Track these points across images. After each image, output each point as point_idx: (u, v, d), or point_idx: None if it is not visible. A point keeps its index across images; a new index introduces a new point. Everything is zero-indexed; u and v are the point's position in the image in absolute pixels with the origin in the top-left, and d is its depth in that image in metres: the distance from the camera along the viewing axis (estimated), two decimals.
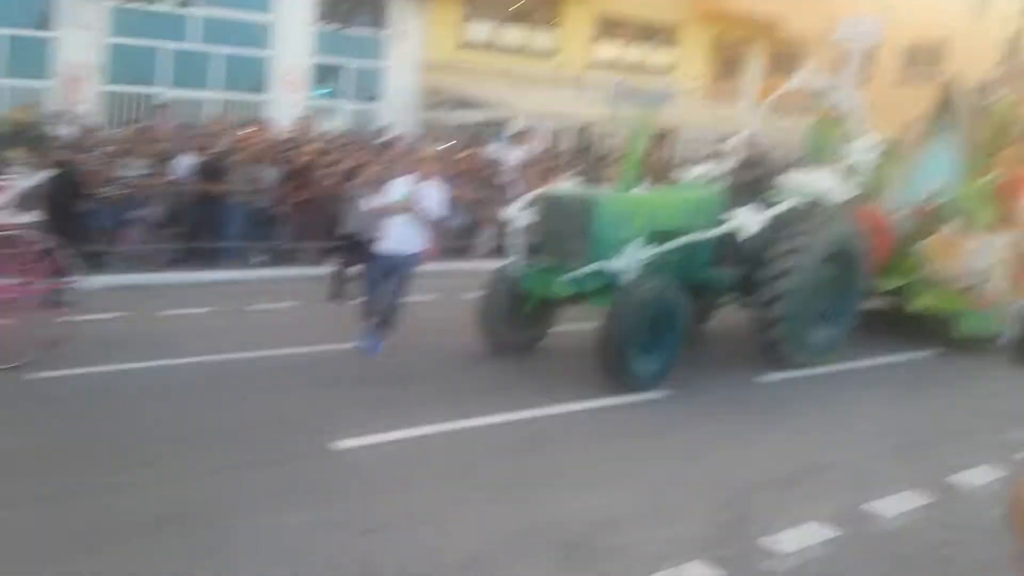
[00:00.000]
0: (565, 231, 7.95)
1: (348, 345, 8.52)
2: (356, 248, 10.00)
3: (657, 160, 17.96)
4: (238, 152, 12.95)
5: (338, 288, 10.96)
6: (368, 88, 21.14)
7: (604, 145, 20.57)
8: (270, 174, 13.13)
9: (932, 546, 4.97)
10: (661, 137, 22.13)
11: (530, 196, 8.72)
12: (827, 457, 6.35)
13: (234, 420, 6.45)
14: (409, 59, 21.08)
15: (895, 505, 5.46)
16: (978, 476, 5.99)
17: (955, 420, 7.52)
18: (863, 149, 9.91)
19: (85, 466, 5.40)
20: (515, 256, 8.43)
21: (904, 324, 10.14)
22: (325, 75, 20.70)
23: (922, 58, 28.39)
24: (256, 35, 19.34)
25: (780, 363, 8.49)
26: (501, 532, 4.83)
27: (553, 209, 8.18)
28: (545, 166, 16.22)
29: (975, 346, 9.62)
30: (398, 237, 8.14)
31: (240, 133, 13.94)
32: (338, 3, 20.28)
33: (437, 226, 8.70)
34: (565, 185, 9.08)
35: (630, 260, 7.55)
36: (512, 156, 16.59)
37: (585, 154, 18.79)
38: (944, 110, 10.73)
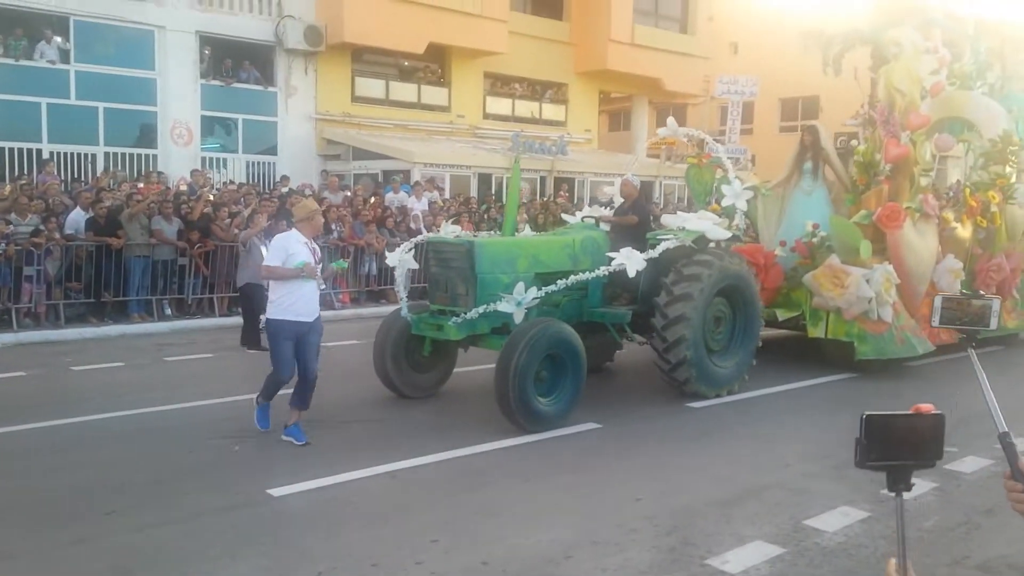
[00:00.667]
0: (451, 276, 8.06)
1: None
2: (256, 297, 10.02)
3: (548, 205, 18.42)
4: (132, 205, 12.60)
5: (249, 336, 10.92)
6: (262, 141, 20.84)
7: (503, 193, 20.84)
8: (168, 227, 12.81)
9: (876, 558, 5.07)
10: (561, 184, 22.70)
11: (411, 243, 8.87)
12: (764, 478, 6.44)
13: (168, 472, 6.23)
14: (302, 113, 21.00)
15: (835, 520, 5.57)
16: (912, 490, 6.19)
17: None
18: (736, 192, 10.50)
19: (23, 523, 5.19)
20: (403, 302, 8.51)
21: (813, 351, 10.60)
22: (215, 129, 20.32)
23: (799, 110, 30.30)
24: (142, 90, 18.93)
25: (690, 394, 8.67)
26: (453, 572, 4.68)
27: (437, 255, 8.26)
28: (451, 213, 16.38)
29: (882, 368, 10.08)
30: (307, 302, 6.94)
31: (132, 187, 13.64)
32: (222, 60, 20.04)
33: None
34: (448, 230, 9.15)
35: (518, 302, 7.71)
36: (418, 204, 16.71)
37: (482, 202, 19.06)
38: (808, 153, 11.44)
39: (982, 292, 2.00)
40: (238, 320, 12.76)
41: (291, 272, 6.73)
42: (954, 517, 5.75)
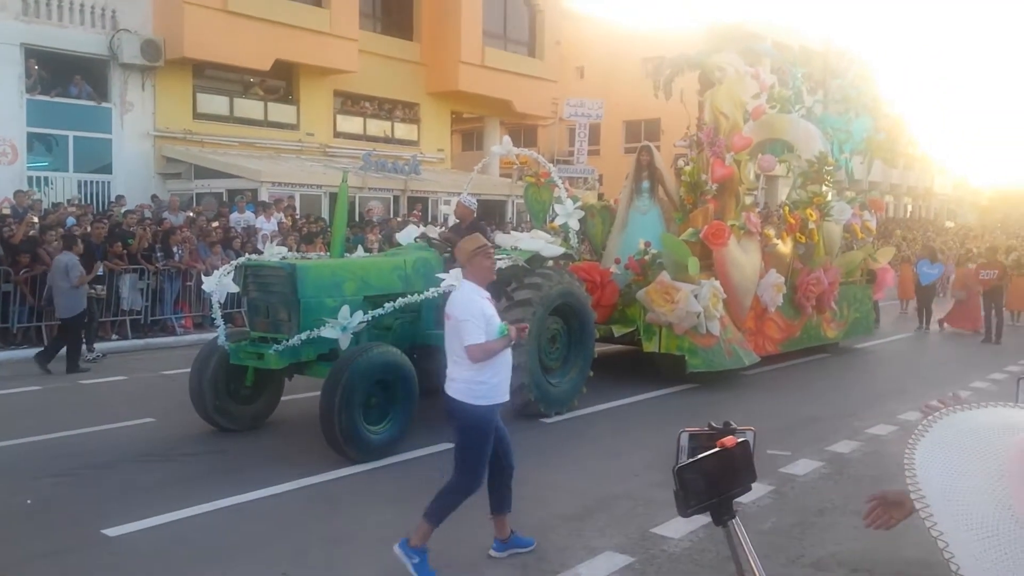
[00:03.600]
0: (271, 301, 7.70)
1: (102, 427, 7.87)
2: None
3: (388, 225, 18.31)
4: None
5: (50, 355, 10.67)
6: (95, 159, 19.68)
7: (356, 213, 20.60)
8: None
9: (719, 561, 5.31)
10: (415, 203, 22.65)
11: (229, 266, 8.44)
12: (613, 489, 6.64)
13: None
14: (139, 130, 19.99)
15: (681, 527, 5.78)
16: (748, 495, 6.52)
17: None
18: (569, 211, 10.84)
19: None
20: (220, 329, 8.01)
21: (649, 365, 11.01)
22: (43, 146, 19.03)
23: (642, 132, 31.58)
24: None
25: (533, 415, 8.70)
26: None
27: (257, 279, 7.84)
28: (303, 233, 16.03)
29: (713, 379, 10.61)
30: (508, 375, 5.45)
31: None
32: (51, 74, 18.82)
33: None
34: (273, 252, 8.76)
35: (343, 326, 7.41)
36: (267, 225, 16.23)
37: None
38: (644, 173, 11.98)
39: (733, 425, 1.77)
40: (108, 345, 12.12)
41: (502, 343, 5.11)
42: (789, 518, 6.11)
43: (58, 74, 19.03)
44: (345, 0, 22.55)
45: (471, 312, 5.10)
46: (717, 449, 1.62)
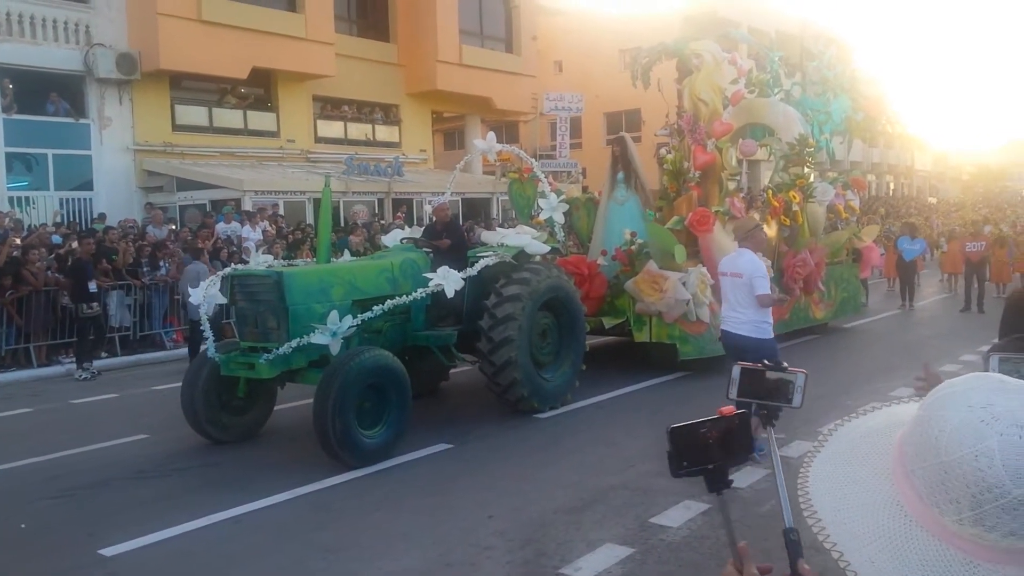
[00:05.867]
0: (260, 310, 7.66)
1: (95, 446, 7.84)
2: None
3: (372, 227, 18.28)
4: None
5: None
6: (76, 176, 19.55)
7: (342, 218, 20.56)
8: None
9: (719, 547, 5.33)
10: (399, 205, 22.61)
11: (216, 277, 8.41)
12: (610, 480, 6.66)
13: None
14: (118, 145, 19.87)
15: (679, 515, 5.82)
16: (744, 478, 6.55)
17: None
18: (553, 205, 10.82)
19: None
20: (209, 342, 7.97)
21: (641, 355, 11.03)
22: (22, 165, 18.89)
23: (623, 123, 31.62)
24: None
25: (527, 411, 8.70)
26: None
27: (244, 289, 7.80)
28: (289, 241, 15.97)
29: (706, 366, 10.63)
30: None
31: None
32: (26, 93, 18.67)
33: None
34: (259, 260, 8.75)
35: (333, 332, 7.40)
36: (252, 233, 16.18)
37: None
38: (619, 164, 11.98)
39: (786, 364, 1.92)
40: (56, 370, 11.98)
41: (779, 298, 7.65)
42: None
43: (34, 92, 18.89)
44: (320, 4, 22.46)
45: (760, 271, 7.02)
46: (715, 416, 1.65)
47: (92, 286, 11.93)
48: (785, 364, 1.95)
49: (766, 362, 1.99)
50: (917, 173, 55.81)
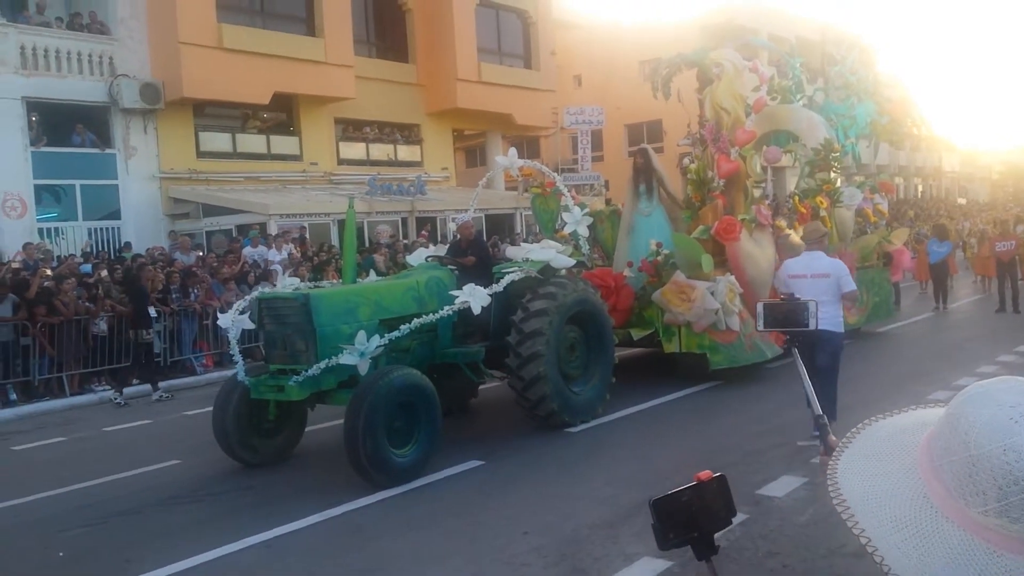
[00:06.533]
0: (288, 333, 7.65)
1: (128, 473, 7.89)
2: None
3: (394, 247, 18.33)
4: None
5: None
6: (103, 206, 19.83)
7: (367, 238, 20.64)
8: (4, 306, 11.90)
9: (759, 558, 5.23)
10: (423, 224, 22.69)
11: (243, 301, 8.43)
12: (644, 493, 6.50)
13: (31, 567, 5.82)
14: (144, 173, 20.13)
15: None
16: (781, 487, 6.44)
17: (747, 440, 8.04)
18: (577, 218, 10.75)
19: None
20: (239, 365, 7.98)
21: (671, 366, 10.92)
22: (51, 197, 19.20)
23: (644, 134, 31.57)
24: None
25: (558, 425, 8.62)
26: None
27: (271, 312, 7.77)
28: (315, 263, 16.07)
29: (737, 375, 10.50)
30: None
31: None
32: (53, 125, 18.98)
33: None
34: (286, 283, 8.78)
35: (361, 352, 7.37)
36: (279, 256, 16.31)
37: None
38: (642, 176, 11.91)
39: (797, 296, 2.22)
40: (89, 398, 12.09)
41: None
42: (825, 508, 5.99)
43: (60, 124, 19.21)
44: (339, 28, 22.68)
45: (845, 270, 7.70)
46: (694, 484, 1.61)
47: (152, 311, 12.14)
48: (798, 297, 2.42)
49: (783, 295, 2.31)
50: (945, 174, 55.16)
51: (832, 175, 13.05)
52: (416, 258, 10.08)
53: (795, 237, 10.59)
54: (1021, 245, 17.05)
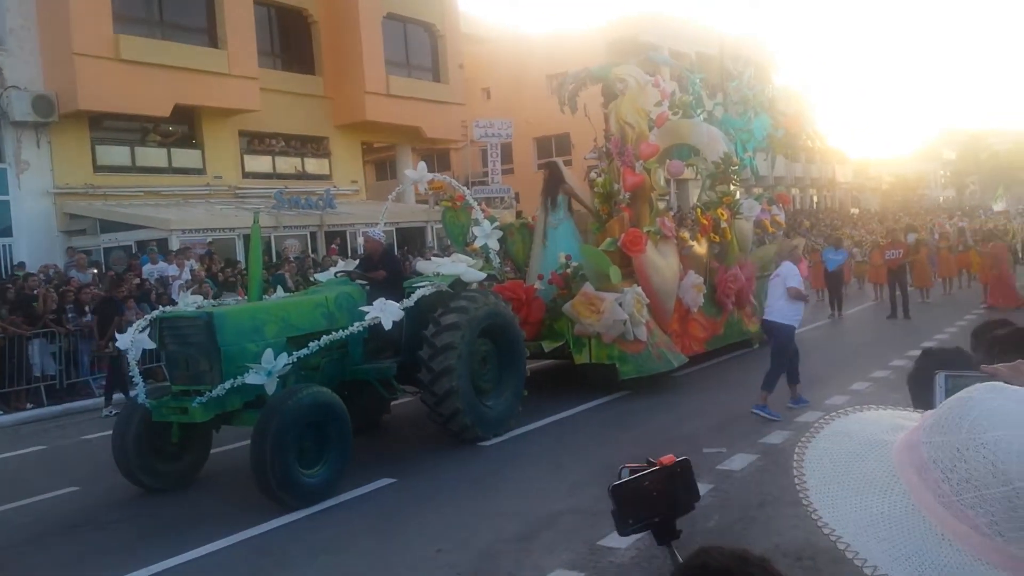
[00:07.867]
0: (191, 352, 7.47)
1: (22, 502, 7.56)
2: None
3: (303, 263, 18.07)
4: None
5: None
6: None
7: (274, 253, 20.24)
8: None
9: (667, 568, 5.35)
10: (333, 238, 22.39)
11: (143, 320, 8.19)
12: (557, 505, 6.64)
13: None
14: (37, 189, 19.24)
15: (627, 537, 5.84)
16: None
17: (656, 448, 8.07)
18: (487, 232, 10.85)
19: None
20: (139, 387, 7.74)
21: (582, 377, 11.08)
22: None
23: (552, 148, 31.95)
24: None
25: (471, 439, 8.62)
26: None
27: (172, 332, 7.60)
28: (220, 281, 15.65)
29: (646, 384, 10.74)
30: None
31: None
32: None
33: None
34: (188, 301, 8.55)
35: (268, 371, 7.25)
36: (180, 272, 15.81)
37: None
38: (551, 188, 12.10)
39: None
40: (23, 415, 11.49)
41: (801, 293, 9.51)
42: (731, 514, 6.20)
43: None
44: (242, 39, 22.23)
45: (796, 275, 9.42)
46: (655, 467, 1.60)
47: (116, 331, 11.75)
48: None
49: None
50: (839, 185, 57.62)
51: (732, 187, 13.50)
52: (326, 274, 9.97)
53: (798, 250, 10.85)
54: (907, 253, 17.99)
